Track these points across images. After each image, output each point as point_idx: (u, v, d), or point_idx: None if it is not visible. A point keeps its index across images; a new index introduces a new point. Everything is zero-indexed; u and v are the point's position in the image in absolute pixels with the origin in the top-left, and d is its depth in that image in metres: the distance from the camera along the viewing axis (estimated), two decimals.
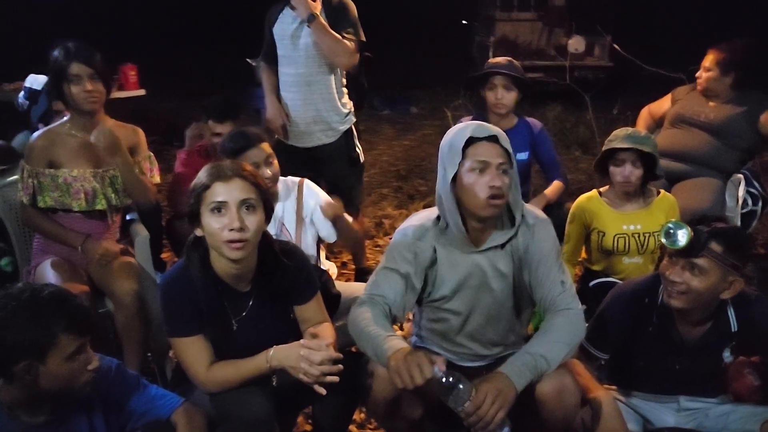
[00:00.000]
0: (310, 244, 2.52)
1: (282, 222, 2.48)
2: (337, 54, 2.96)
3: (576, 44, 7.38)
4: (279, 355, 1.76)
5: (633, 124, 3.66)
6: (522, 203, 1.92)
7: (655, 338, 2.01)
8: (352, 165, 3.23)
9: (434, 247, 1.92)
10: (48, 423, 1.60)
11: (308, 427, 2.31)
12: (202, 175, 1.77)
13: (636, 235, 2.62)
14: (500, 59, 3.14)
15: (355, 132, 3.24)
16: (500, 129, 1.88)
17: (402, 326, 2.88)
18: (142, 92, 5.27)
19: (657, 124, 3.49)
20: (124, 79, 5.07)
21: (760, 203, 3.25)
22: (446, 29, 9.36)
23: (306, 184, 2.57)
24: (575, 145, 5.82)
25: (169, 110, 6.90)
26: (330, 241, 2.58)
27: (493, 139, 1.82)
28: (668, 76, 4.37)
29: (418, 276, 1.92)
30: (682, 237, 1.84)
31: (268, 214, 1.82)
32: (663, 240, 1.87)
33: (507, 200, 1.84)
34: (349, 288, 2.57)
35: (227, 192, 1.72)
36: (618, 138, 2.58)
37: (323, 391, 1.70)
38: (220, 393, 1.78)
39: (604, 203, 2.68)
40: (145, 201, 2.60)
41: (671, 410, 2.09)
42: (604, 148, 2.63)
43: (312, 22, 2.87)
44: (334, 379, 1.69)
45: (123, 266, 2.42)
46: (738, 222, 3.13)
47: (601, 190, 2.74)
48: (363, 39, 3.04)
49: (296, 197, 2.52)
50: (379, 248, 3.93)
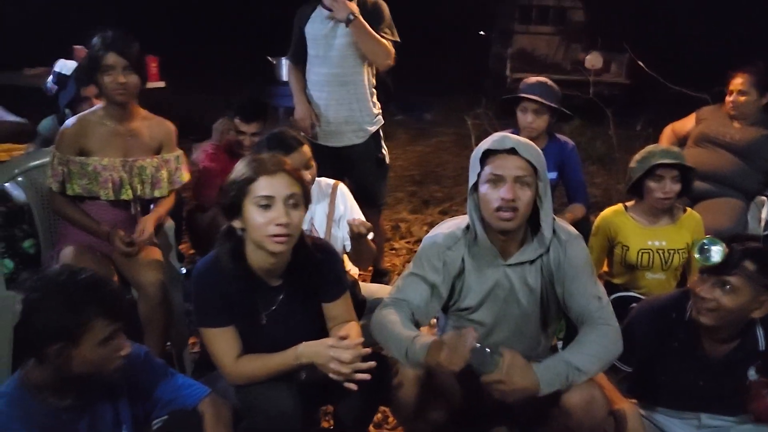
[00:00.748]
0: (338, 246, 2.51)
1: (312, 223, 2.48)
2: (378, 54, 2.97)
3: (593, 60, 7.40)
4: (308, 352, 1.76)
5: (654, 141, 3.65)
6: (553, 218, 1.90)
7: (680, 354, 2.00)
8: (379, 166, 3.24)
9: (463, 257, 1.92)
10: (73, 407, 1.60)
11: (326, 424, 2.30)
12: (243, 168, 1.76)
13: (661, 251, 2.61)
14: (533, 80, 3.09)
15: (381, 133, 3.24)
16: (530, 141, 1.86)
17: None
18: (162, 84, 5.29)
19: (680, 142, 3.48)
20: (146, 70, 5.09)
21: None
22: (464, 38, 9.39)
23: (340, 188, 2.56)
24: (591, 159, 5.82)
25: (187, 103, 6.91)
26: (346, 250, 2.57)
27: (512, 151, 1.79)
28: (691, 96, 4.37)
29: (445, 285, 1.92)
30: (716, 254, 1.84)
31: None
32: (696, 255, 1.87)
33: (522, 214, 1.81)
34: (368, 289, 2.57)
35: (274, 186, 1.73)
36: (656, 154, 2.57)
37: (354, 387, 1.70)
38: (246, 386, 1.79)
39: (630, 218, 2.68)
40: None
41: (692, 427, 2.08)
42: (637, 164, 2.59)
43: (352, 21, 2.87)
44: (365, 376, 1.69)
45: (148, 255, 2.42)
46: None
47: (627, 204, 2.73)
48: (398, 39, 3.05)
49: (329, 200, 2.52)
50: (394, 251, 3.94)
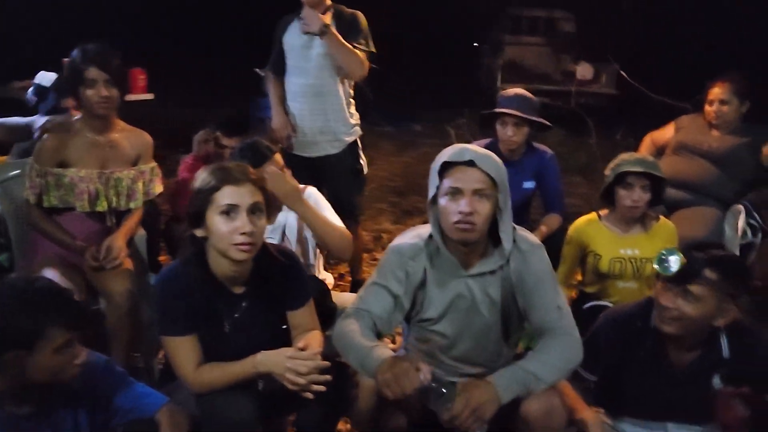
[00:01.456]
0: (310, 254, 2.52)
1: (284, 231, 2.49)
2: (351, 65, 2.99)
3: (584, 71, 7.45)
4: (266, 361, 1.77)
5: (635, 150, 3.66)
6: (513, 229, 1.90)
7: (646, 363, 2.00)
8: (355, 176, 3.25)
9: (425, 268, 1.92)
10: (32, 415, 1.60)
11: None
12: (207, 177, 1.77)
13: (633, 260, 2.62)
14: (511, 92, 3.12)
15: (359, 144, 3.26)
16: (490, 153, 1.84)
17: (395, 339, 2.88)
18: (150, 96, 5.32)
19: (659, 151, 3.50)
20: (133, 82, 5.12)
21: (760, 235, 3.25)
22: (453, 49, 9.45)
23: (308, 190, 2.57)
24: (574, 170, 5.84)
25: (176, 116, 6.94)
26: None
27: (471, 163, 1.78)
28: (673, 105, 4.40)
29: (407, 296, 1.92)
30: (674, 264, 1.84)
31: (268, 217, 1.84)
32: (656, 266, 1.87)
33: (481, 226, 1.80)
34: (342, 298, 2.57)
35: (238, 196, 1.74)
36: (628, 162, 2.59)
37: (310, 395, 1.71)
38: (206, 394, 1.78)
39: (603, 226, 2.69)
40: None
41: None
42: (610, 171, 2.62)
43: (325, 34, 2.90)
44: (321, 388, 1.70)
45: (118, 265, 2.42)
46: (737, 253, 3.13)
47: (600, 213, 2.74)
48: (374, 50, 3.08)
49: None
50: (375, 261, 3.94)
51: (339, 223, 2.49)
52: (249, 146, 2.42)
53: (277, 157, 2.41)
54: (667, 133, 3.52)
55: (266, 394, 1.85)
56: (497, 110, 3.02)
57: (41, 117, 2.92)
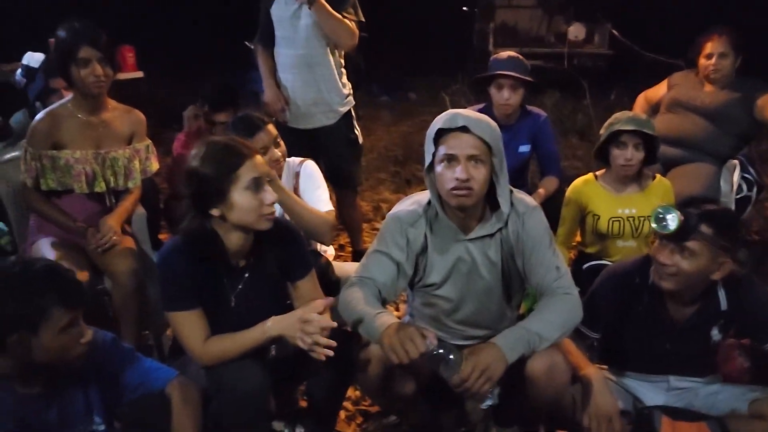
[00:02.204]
0: None
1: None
2: (340, 35, 2.95)
3: (576, 31, 7.36)
4: (277, 325, 1.78)
5: (630, 109, 3.65)
6: (511, 192, 1.91)
7: (645, 318, 2.03)
8: (351, 146, 3.23)
9: (425, 234, 1.93)
10: (43, 394, 1.62)
11: (304, 403, 2.33)
12: (216, 157, 1.76)
13: (631, 219, 2.63)
14: (504, 54, 3.09)
15: (353, 114, 3.24)
16: (483, 117, 1.84)
17: (398, 307, 2.91)
18: (140, 74, 5.25)
19: (653, 109, 3.49)
20: (122, 60, 5.05)
21: (755, 189, 3.27)
22: (445, 15, 9.32)
23: (306, 165, 2.57)
24: (573, 132, 5.82)
25: (167, 93, 6.87)
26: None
27: (465, 129, 1.79)
28: (667, 63, 4.37)
29: (409, 262, 1.93)
30: (672, 221, 1.85)
31: None
32: (653, 225, 1.89)
33: (478, 191, 1.81)
34: (343, 268, 2.59)
35: (259, 168, 1.78)
36: (620, 121, 2.58)
37: (322, 356, 1.71)
38: (215, 366, 1.80)
39: (600, 186, 2.70)
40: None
41: (661, 389, 2.12)
42: (605, 131, 2.63)
43: (313, 4, 2.86)
44: (329, 352, 1.70)
45: (121, 244, 2.43)
46: (732, 208, 3.15)
47: (597, 173, 2.75)
48: (362, 19, 3.04)
49: (294, 178, 2.54)
50: (376, 231, 3.95)
51: (326, 206, 2.46)
52: (241, 119, 2.42)
53: (270, 127, 2.42)
54: (660, 90, 3.50)
55: (278, 359, 1.87)
56: (494, 72, 3.00)
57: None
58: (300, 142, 3.04)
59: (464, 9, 9.62)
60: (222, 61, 6.77)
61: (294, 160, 2.58)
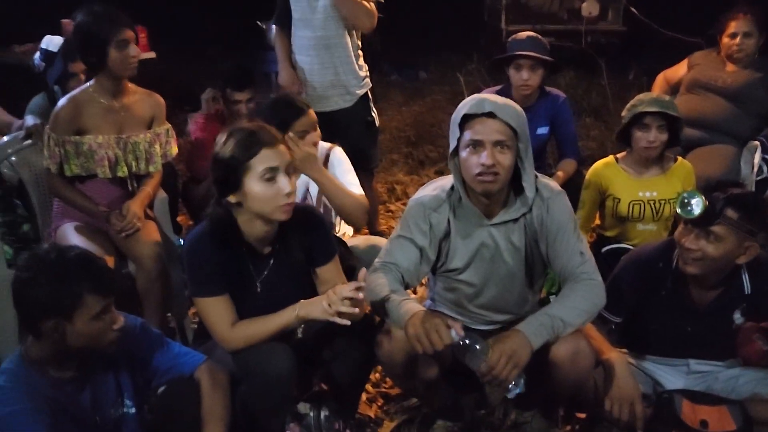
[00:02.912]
0: (332, 211, 2.52)
1: (308, 187, 2.50)
2: (359, 16, 2.93)
3: (590, 7, 7.22)
4: (306, 308, 1.80)
5: (648, 89, 3.62)
6: (535, 177, 1.91)
7: (668, 302, 2.04)
8: (368, 129, 3.22)
9: (449, 219, 1.94)
10: (75, 378, 1.66)
11: (324, 387, 2.36)
12: (236, 143, 1.76)
13: (651, 202, 2.63)
14: (522, 34, 3.06)
15: (370, 96, 3.22)
16: (509, 102, 1.84)
17: (415, 290, 2.92)
18: (152, 55, 5.23)
19: (672, 90, 3.45)
20: None
21: None
22: None
23: (334, 152, 2.56)
24: (587, 112, 5.76)
25: (179, 73, 6.84)
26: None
27: (491, 114, 1.78)
28: (685, 41, 4.30)
29: (432, 247, 1.94)
30: (696, 206, 1.85)
31: None
32: (678, 210, 1.88)
33: (504, 177, 1.81)
34: (355, 242, 2.59)
35: (277, 157, 1.76)
36: (643, 102, 2.56)
37: (347, 322, 1.73)
38: (243, 350, 1.82)
39: (620, 169, 2.69)
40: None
41: (681, 373, 2.13)
42: (627, 112, 2.60)
43: None
44: (354, 311, 1.72)
45: (145, 229, 2.45)
46: (753, 189, 3.13)
47: (618, 156, 2.74)
48: (381, 0, 3.01)
49: (323, 163, 2.53)
50: (390, 213, 3.96)
51: (358, 189, 2.45)
52: (284, 101, 2.39)
53: (311, 111, 2.39)
54: (680, 70, 3.46)
55: (305, 340, 1.90)
56: (513, 53, 2.97)
57: (34, 118, 2.88)
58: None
59: None
60: (234, 41, 6.72)
61: (323, 144, 2.57)
